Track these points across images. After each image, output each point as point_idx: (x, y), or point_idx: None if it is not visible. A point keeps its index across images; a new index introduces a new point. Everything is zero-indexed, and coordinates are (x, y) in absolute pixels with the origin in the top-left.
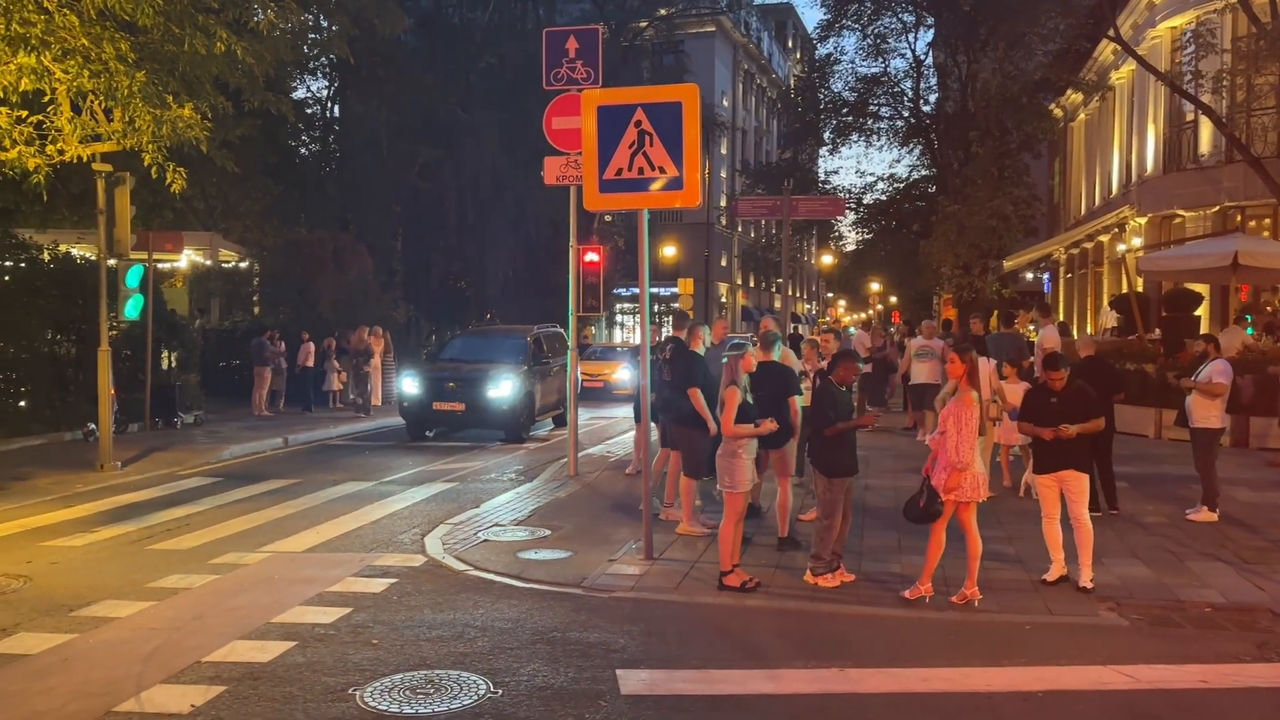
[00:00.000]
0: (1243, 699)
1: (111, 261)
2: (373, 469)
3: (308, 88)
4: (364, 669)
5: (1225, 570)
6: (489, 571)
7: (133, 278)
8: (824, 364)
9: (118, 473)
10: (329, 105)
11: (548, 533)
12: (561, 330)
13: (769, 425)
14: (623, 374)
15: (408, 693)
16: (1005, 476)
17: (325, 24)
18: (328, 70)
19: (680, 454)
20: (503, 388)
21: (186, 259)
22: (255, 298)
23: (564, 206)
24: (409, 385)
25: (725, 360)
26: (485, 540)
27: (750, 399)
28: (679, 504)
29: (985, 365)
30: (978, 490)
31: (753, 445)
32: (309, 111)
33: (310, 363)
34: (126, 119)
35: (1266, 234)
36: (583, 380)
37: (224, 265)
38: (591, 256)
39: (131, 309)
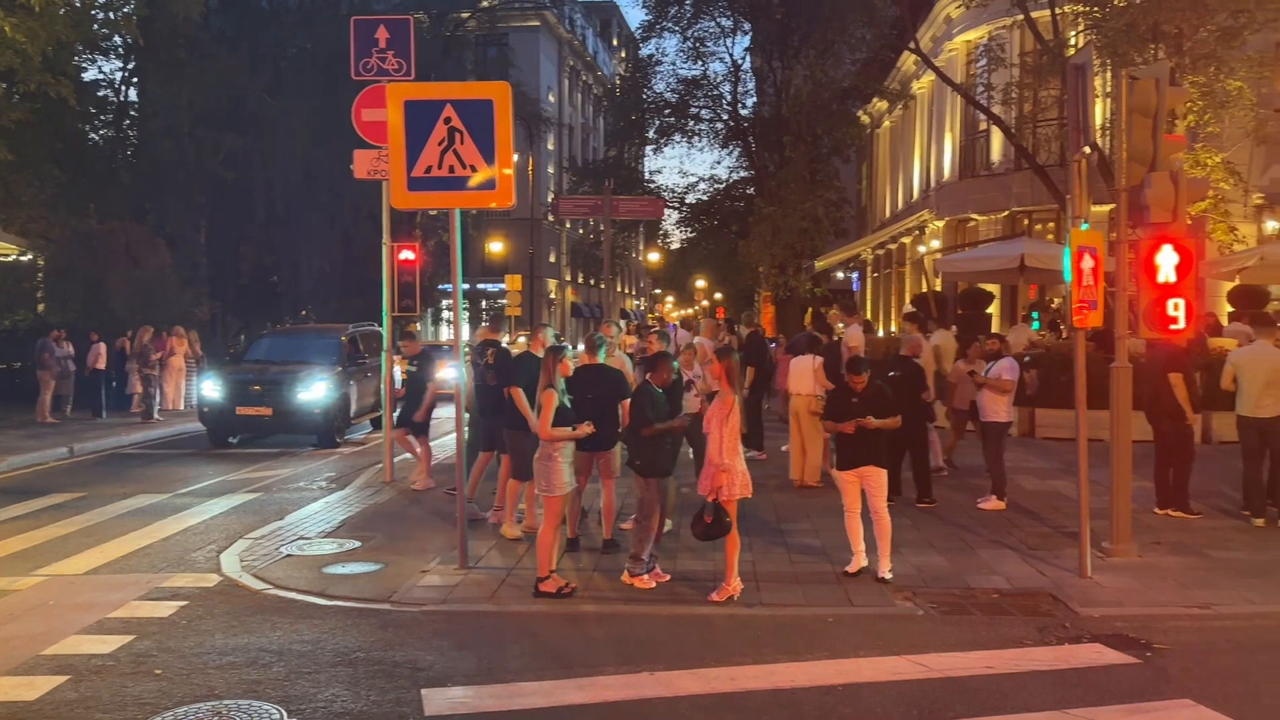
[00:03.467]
0: (1025, 682)
1: None
2: (168, 480)
3: (99, 69)
4: (145, 702)
5: (1012, 557)
6: (290, 590)
7: None
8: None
9: None
10: (124, 88)
11: (357, 544)
12: (380, 329)
13: (585, 429)
14: (446, 373)
15: None
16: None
17: (114, 1)
18: (121, 51)
19: (510, 456)
20: (314, 390)
21: None
22: (39, 294)
23: (380, 200)
24: (209, 389)
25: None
26: (288, 555)
27: (569, 402)
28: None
29: (812, 363)
30: (745, 489)
31: (569, 449)
32: (101, 94)
33: (101, 365)
34: None
35: (1050, 237)
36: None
37: (3, 259)
38: (407, 255)
39: None
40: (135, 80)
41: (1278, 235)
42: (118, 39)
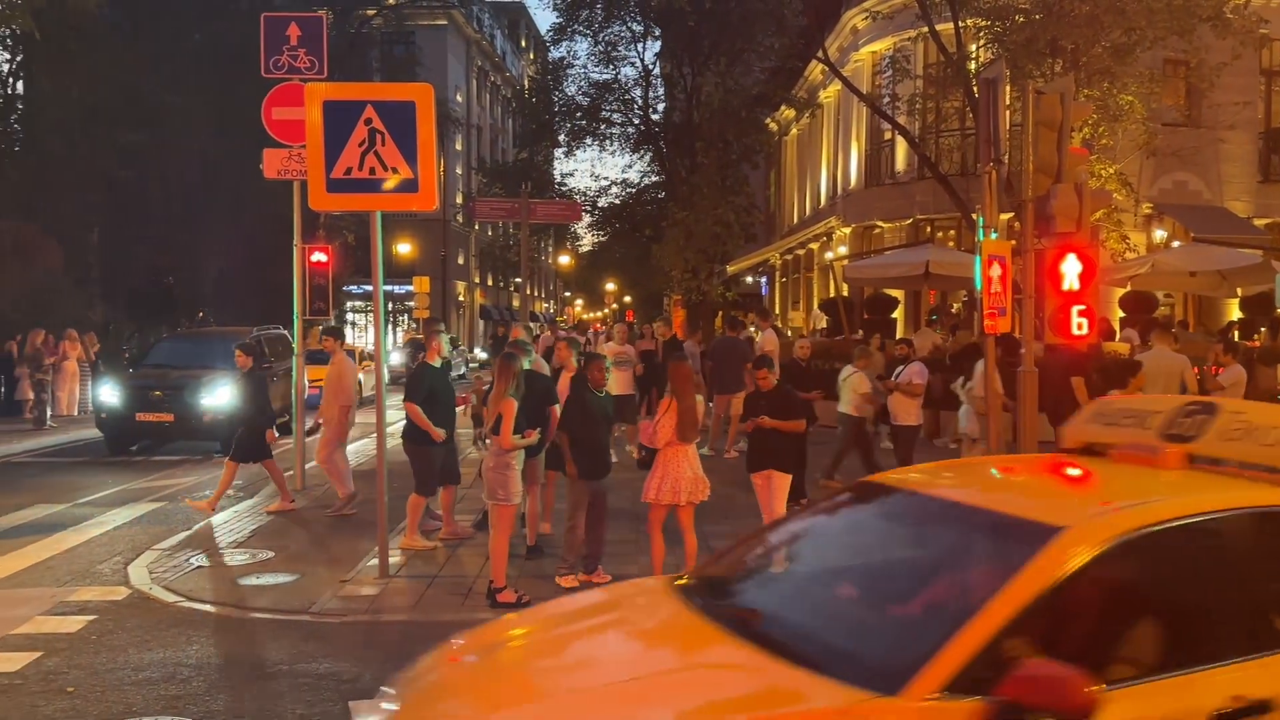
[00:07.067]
0: None
1: None
2: (66, 489)
3: None
4: None
5: None
6: (204, 602)
7: None
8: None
9: None
10: (11, 81)
11: (271, 555)
12: (285, 332)
13: (533, 435)
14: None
15: None
16: None
17: None
18: (9, 43)
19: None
20: (218, 396)
21: None
22: None
23: (287, 200)
24: (107, 394)
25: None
26: (199, 567)
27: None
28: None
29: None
30: (689, 494)
31: (522, 456)
32: None
33: None
34: None
35: (952, 245)
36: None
37: None
38: (319, 256)
39: None
40: (22, 73)
41: (1166, 243)
42: (5, 31)
